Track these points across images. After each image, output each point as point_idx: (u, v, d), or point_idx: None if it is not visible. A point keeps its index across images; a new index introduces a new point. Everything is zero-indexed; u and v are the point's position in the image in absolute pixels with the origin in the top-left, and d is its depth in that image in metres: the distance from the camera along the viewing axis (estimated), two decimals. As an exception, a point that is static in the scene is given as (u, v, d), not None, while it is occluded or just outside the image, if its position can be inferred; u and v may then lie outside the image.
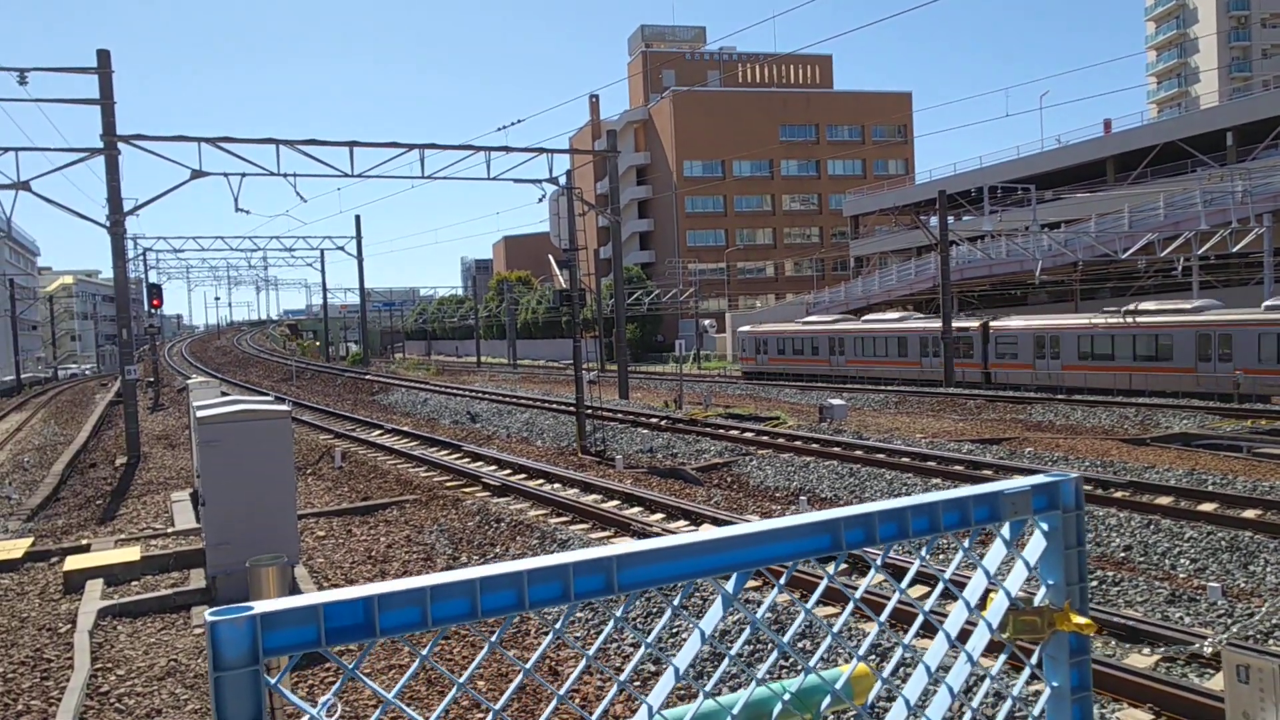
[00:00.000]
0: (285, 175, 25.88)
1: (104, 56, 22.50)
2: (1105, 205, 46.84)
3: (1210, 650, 7.85)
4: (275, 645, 1.00)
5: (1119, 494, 14.44)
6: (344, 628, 1.03)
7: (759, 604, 9.19)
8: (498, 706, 1.10)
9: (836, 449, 19.73)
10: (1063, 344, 34.21)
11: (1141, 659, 8.00)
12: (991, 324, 36.84)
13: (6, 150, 22.84)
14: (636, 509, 14.92)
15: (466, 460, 20.64)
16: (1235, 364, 29.02)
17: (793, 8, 60.29)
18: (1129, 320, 32.35)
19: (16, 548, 13.35)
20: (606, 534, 13.59)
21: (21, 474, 22.97)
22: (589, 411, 23.99)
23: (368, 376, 52.03)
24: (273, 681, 1.01)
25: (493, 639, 1.08)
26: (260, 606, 0.99)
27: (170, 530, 14.29)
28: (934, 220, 43.16)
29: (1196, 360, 30.19)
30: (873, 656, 7.86)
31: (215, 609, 0.99)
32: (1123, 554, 11.75)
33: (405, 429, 26.84)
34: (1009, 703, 1.52)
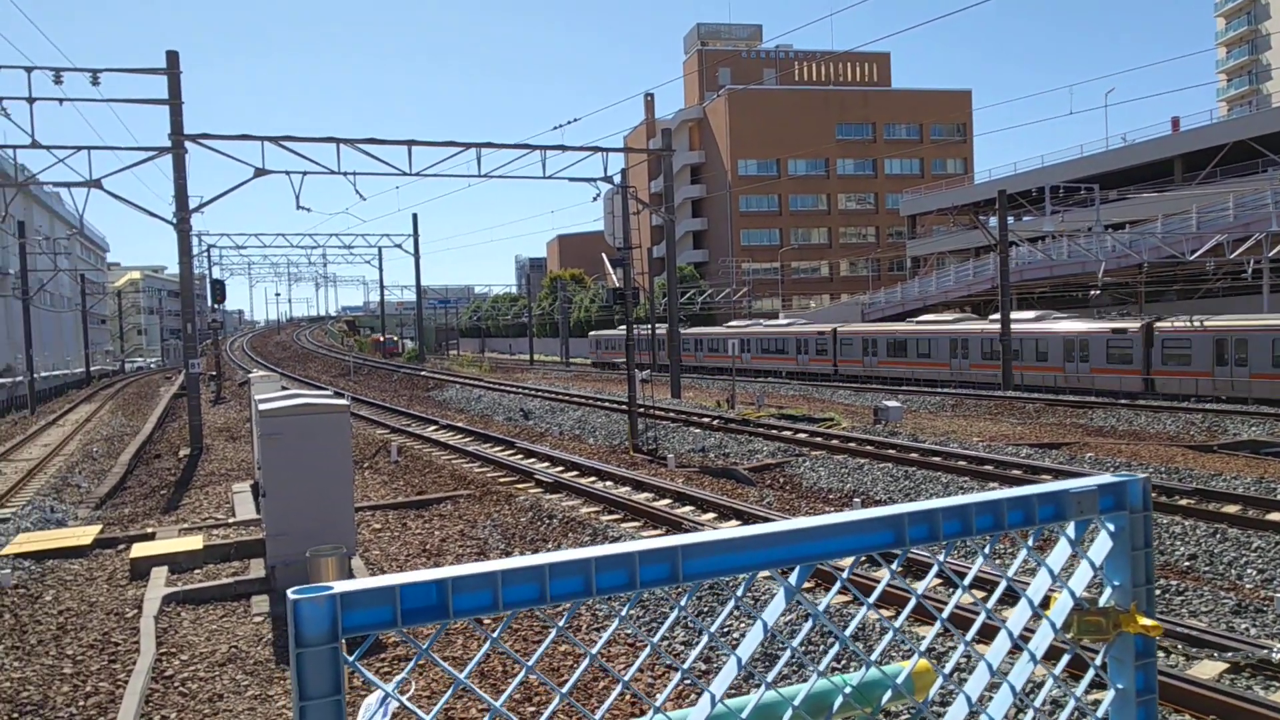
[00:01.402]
0: (345, 174, 26.29)
1: (173, 58, 23.09)
2: (1172, 206, 45.69)
3: (1279, 658, 7.64)
4: (354, 624, 1.03)
5: (1184, 501, 14.09)
6: (418, 609, 1.06)
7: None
8: (564, 690, 1.12)
9: (891, 451, 19.53)
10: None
11: (1206, 670, 7.81)
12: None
13: (80, 149, 23.54)
14: (688, 508, 14.92)
15: (520, 457, 20.81)
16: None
17: (850, 5, 59.81)
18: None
19: (86, 534, 13.78)
20: (658, 532, 13.61)
21: (90, 463, 23.69)
22: (641, 410, 24.04)
23: (423, 373, 52.70)
24: (350, 659, 1.05)
25: (560, 623, 1.11)
26: (340, 586, 1.03)
27: (231, 520, 14.64)
28: (993, 220, 42.46)
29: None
30: (930, 658, 7.77)
31: (297, 588, 1.03)
32: (1187, 563, 11.47)
33: (460, 425, 27.15)
34: (1072, 703, 1.51)
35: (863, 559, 1.32)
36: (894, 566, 1.32)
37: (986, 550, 1.42)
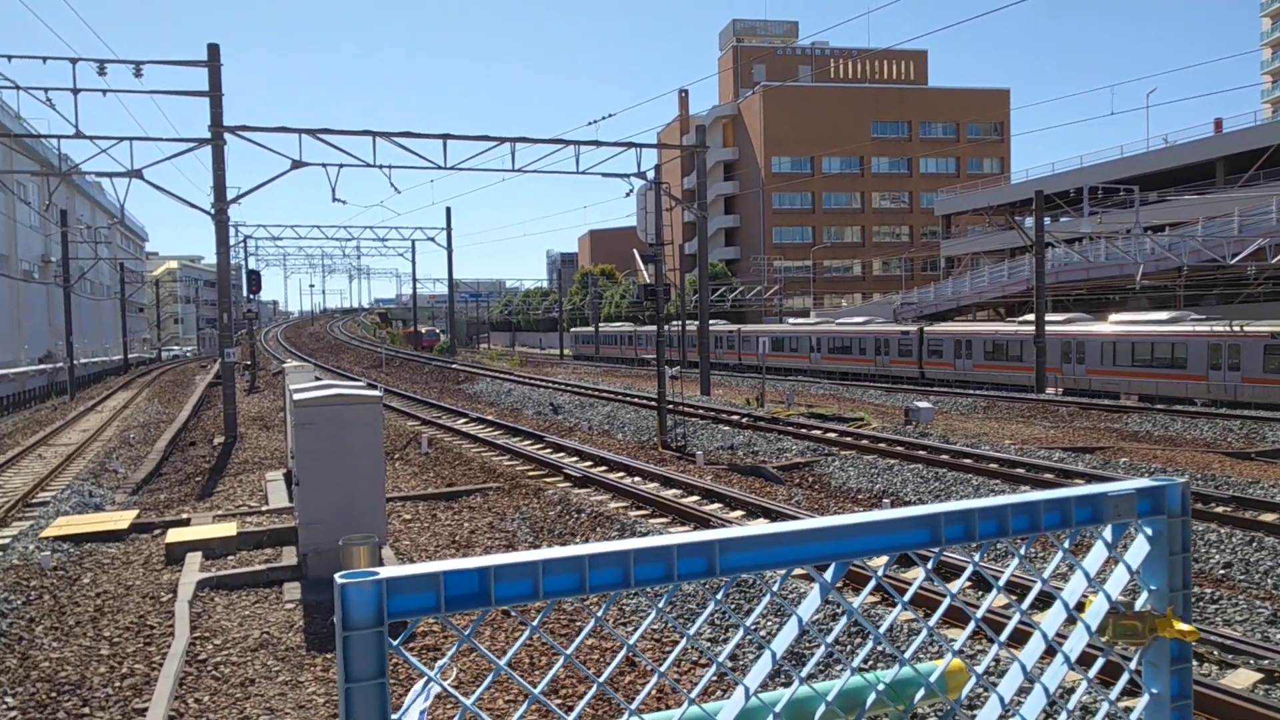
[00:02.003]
0: (381, 167, 26.49)
1: (214, 50, 23.38)
2: (1214, 208, 44.92)
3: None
4: (398, 609, 1.06)
5: (1220, 509, 13.88)
6: (461, 596, 1.09)
7: (842, 592, 9.13)
8: (601, 679, 1.14)
9: (922, 452, 19.40)
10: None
11: (1239, 679, 7.71)
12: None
13: (122, 140, 23.91)
14: (716, 505, 14.92)
15: (548, 451, 20.90)
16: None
17: (887, 3, 59.28)
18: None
19: (123, 519, 14.03)
20: (685, 529, 13.63)
21: (128, 449, 24.08)
22: (670, 407, 24.05)
23: (454, 366, 53.01)
24: (394, 643, 1.07)
25: (599, 613, 1.13)
26: (386, 572, 1.05)
27: (264, 508, 14.84)
28: (1029, 221, 42.01)
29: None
30: (961, 659, 7.73)
31: (345, 572, 1.05)
32: (1222, 571, 11.31)
33: (490, 418, 27.30)
34: (1106, 707, 1.50)
35: (894, 559, 1.32)
36: (929, 566, 1.33)
37: (1022, 552, 1.42)
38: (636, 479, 17.31)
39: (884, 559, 1.31)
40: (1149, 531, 1.49)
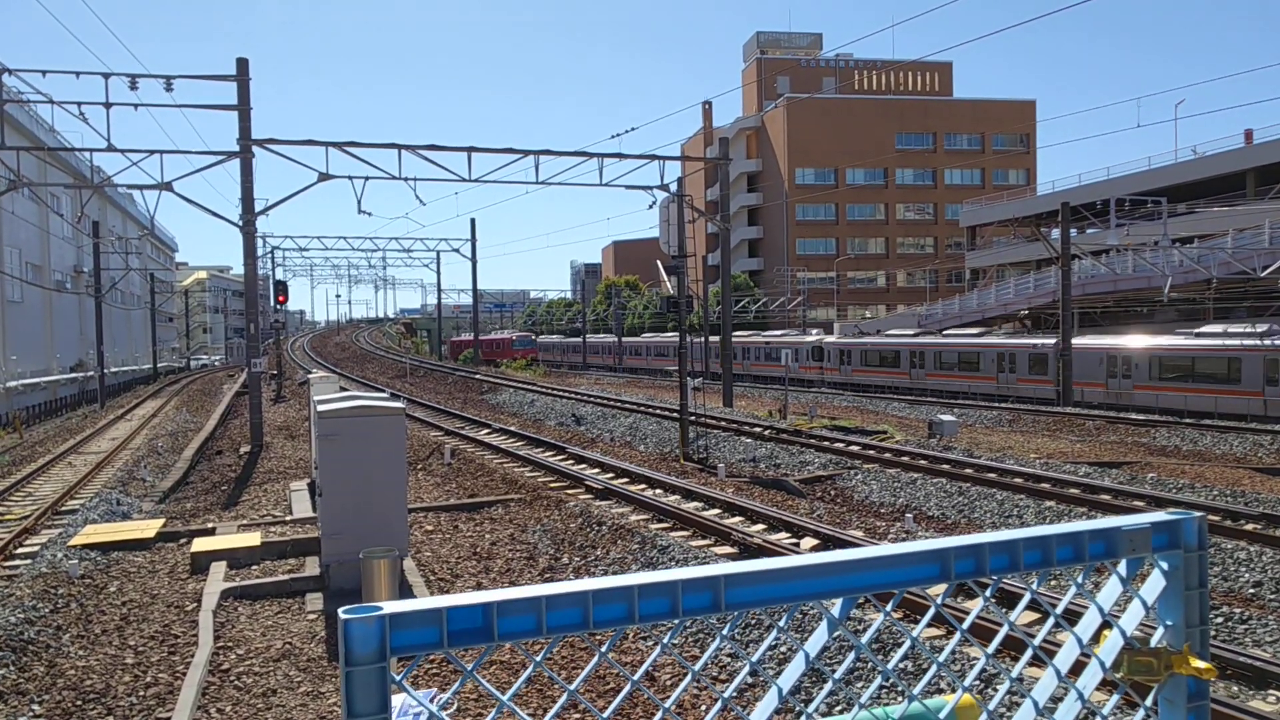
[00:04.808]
0: (406, 179, 26.66)
1: (242, 65, 23.66)
2: (1244, 220, 44.37)
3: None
4: (401, 644, 1.06)
5: (1250, 526, 13.67)
6: (464, 630, 1.09)
7: (859, 621, 9.06)
8: (605, 716, 1.13)
9: (945, 466, 19.25)
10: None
11: (1269, 702, 7.57)
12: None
13: (152, 153, 24.24)
14: (737, 519, 14.86)
15: (570, 462, 20.91)
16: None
17: (913, 16, 59.23)
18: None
19: (150, 528, 14.17)
20: (707, 542, 13.59)
21: (156, 457, 24.33)
22: (692, 418, 24.01)
23: (477, 376, 53.19)
24: (398, 678, 1.07)
25: (603, 649, 1.12)
26: (389, 607, 1.06)
27: (288, 518, 14.93)
28: (1055, 233, 41.66)
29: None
30: (979, 682, 7.64)
31: (348, 607, 1.06)
32: (1252, 590, 11.13)
33: (512, 429, 27.35)
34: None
35: (902, 595, 1.31)
36: (940, 600, 1.32)
37: (1035, 586, 1.40)
38: (658, 491, 17.28)
39: (894, 593, 1.30)
40: (1165, 566, 1.47)
